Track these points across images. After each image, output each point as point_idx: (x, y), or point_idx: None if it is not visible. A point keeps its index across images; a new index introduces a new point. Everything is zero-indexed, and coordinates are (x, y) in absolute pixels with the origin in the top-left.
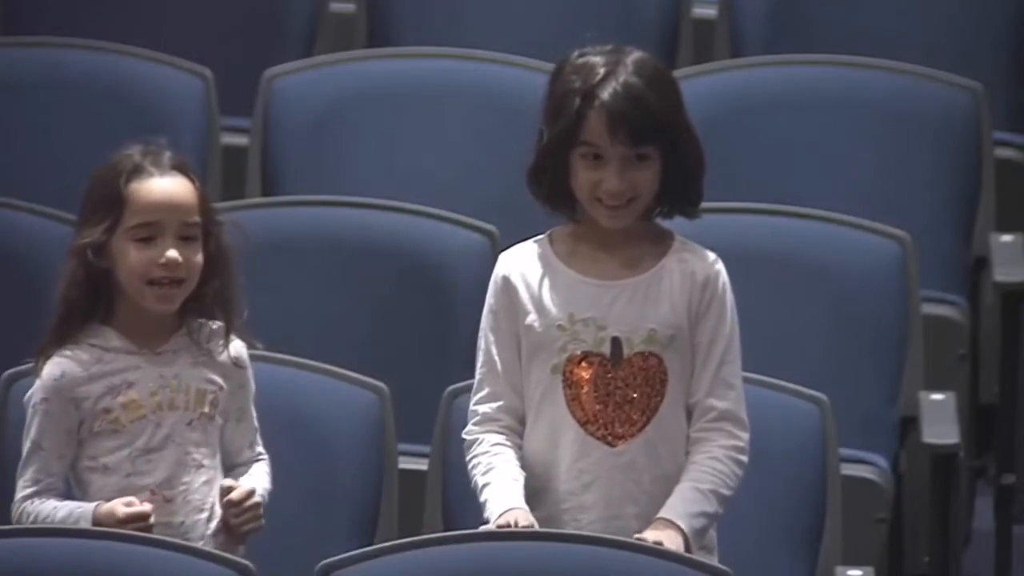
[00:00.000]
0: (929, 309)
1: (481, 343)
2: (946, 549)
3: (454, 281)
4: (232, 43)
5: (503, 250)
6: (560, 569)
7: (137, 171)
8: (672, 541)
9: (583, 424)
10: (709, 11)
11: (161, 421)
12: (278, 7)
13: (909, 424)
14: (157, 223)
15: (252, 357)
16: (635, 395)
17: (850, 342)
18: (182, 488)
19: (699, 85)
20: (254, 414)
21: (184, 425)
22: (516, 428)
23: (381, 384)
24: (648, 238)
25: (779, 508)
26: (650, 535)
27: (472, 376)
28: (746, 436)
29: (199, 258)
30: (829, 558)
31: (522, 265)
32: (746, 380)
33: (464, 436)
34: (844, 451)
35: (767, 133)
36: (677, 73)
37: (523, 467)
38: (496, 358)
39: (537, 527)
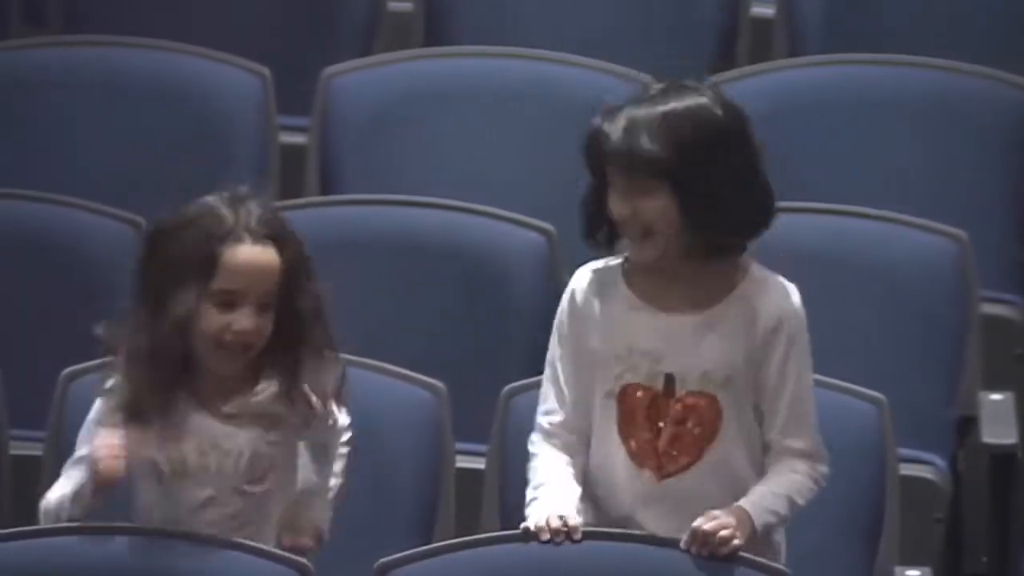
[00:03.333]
0: (987, 308)
1: (549, 353)
2: (1005, 549)
3: (512, 280)
4: (290, 42)
5: (561, 249)
6: (618, 569)
7: (232, 235)
8: (737, 516)
9: (632, 454)
10: (767, 10)
11: (204, 483)
12: (336, 6)
13: (968, 424)
14: (240, 291)
15: None
16: (685, 433)
17: (908, 342)
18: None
19: (757, 84)
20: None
21: (229, 489)
22: (574, 444)
23: (439, 383)
24: (717, 273)
25: (838, 508)
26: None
27: (528, 375)
28: (825, 469)
29: (270, 324)
30: (887, 558)
31: (593, 284)
32: None
33: (528, 444)
34: (902, 451)
35: (825, 132)
36: (733, 73)
37: (583, 482)
38: (560, 373)
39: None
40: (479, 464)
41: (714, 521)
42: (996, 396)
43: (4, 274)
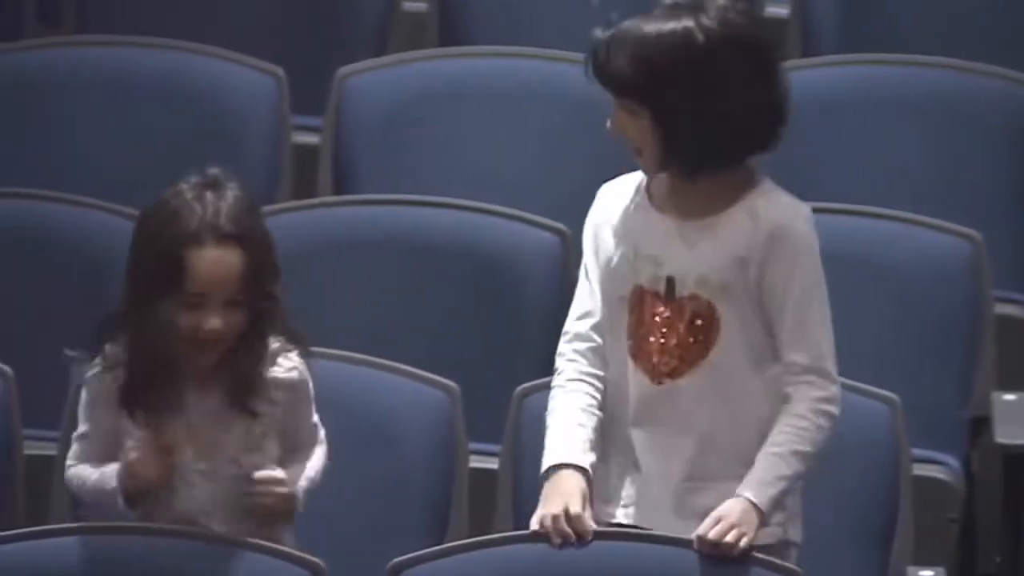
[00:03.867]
0: (1000, 309)
1: (583, 261)
2: (1018, 549)
3: (525, 280)
4: (304, 42)
5: (574, 249)
6: (631, 569)
7: (195, 238)
8: (741, 510)
9: (633, 357)
10: (781, 10)
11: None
12: (350, 6)
13: (981, 424)
14: (206, 294)
15: (323, 356)
16: (683, 337)
17: (921, 342)
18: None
19: None
20: (314, 415)
21: (227, 461)
22: (601, 351)
23: (452, 383)
24: (726, 183)
25: (851, 508)
26: (718, 512)
27: (541, 375)
28: (833, 388)
29: (241, 318)
30: (900, 558)
31: (614, 195)
32: None
33: (556, 358)
34: (915, 451)
35: (839, 132)
36: None
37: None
38: (589, 277)
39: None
40: (492, 464)
41: (718, 527)
42: (1009, 396)
43: (17, 273)
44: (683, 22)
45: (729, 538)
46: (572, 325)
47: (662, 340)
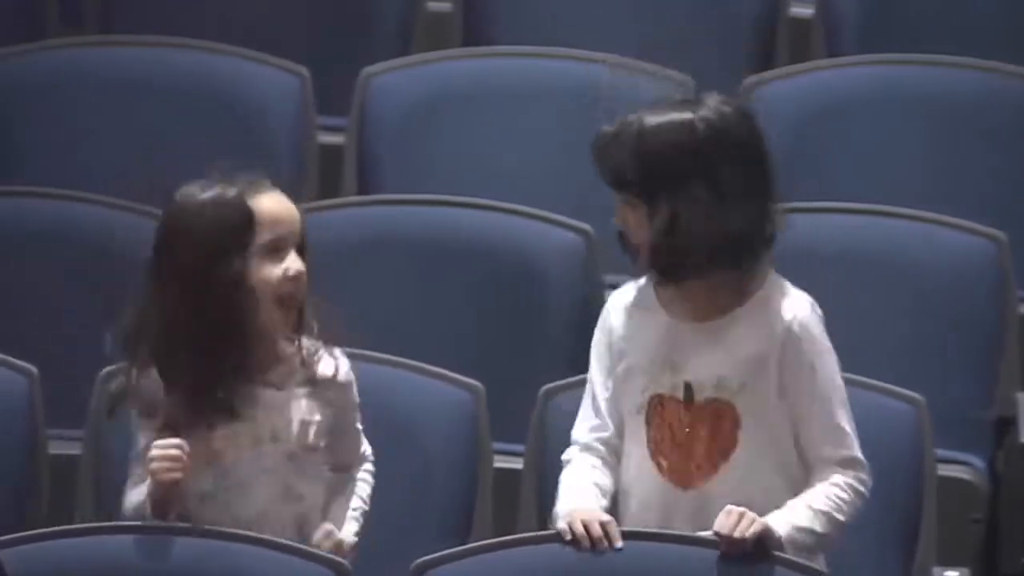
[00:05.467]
0: None
1: (590, 370)
2: None
3: (549, 280)
4: (329, 42)
5: (598, 249)
6: (655, 569)
7: (251, 191)
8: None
9: (659, 466)
10: (806, 10)
11: (261, 455)
12: (374, 6)
13: (1006, 424)
14: (284, 237)
15: (348, 356)
16: (706, 441)
17: (946, 342)
18: (274, 516)
19: (795, 84)
20: (359, 426)
21: (284, 459)
22: (611, 461)
23: (476, 383)
24: (733, 282)
25: (875, 508)
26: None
27: (565, 375)
28: (865, 475)
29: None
30: (925, 558)
31: (623, 302)
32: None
33: (562, 459)
34: (940, 451)
35: (863, 132)
36: (771, 74)
37: (615, 501)
38: (596, 390)
39: (601, 519)
40: (516, 464)
41: (729, 518)
42: None
43: (42, 274)
44: (682, 114)
45: (743, 526)
46: (578, 436)
47: (689, 447)
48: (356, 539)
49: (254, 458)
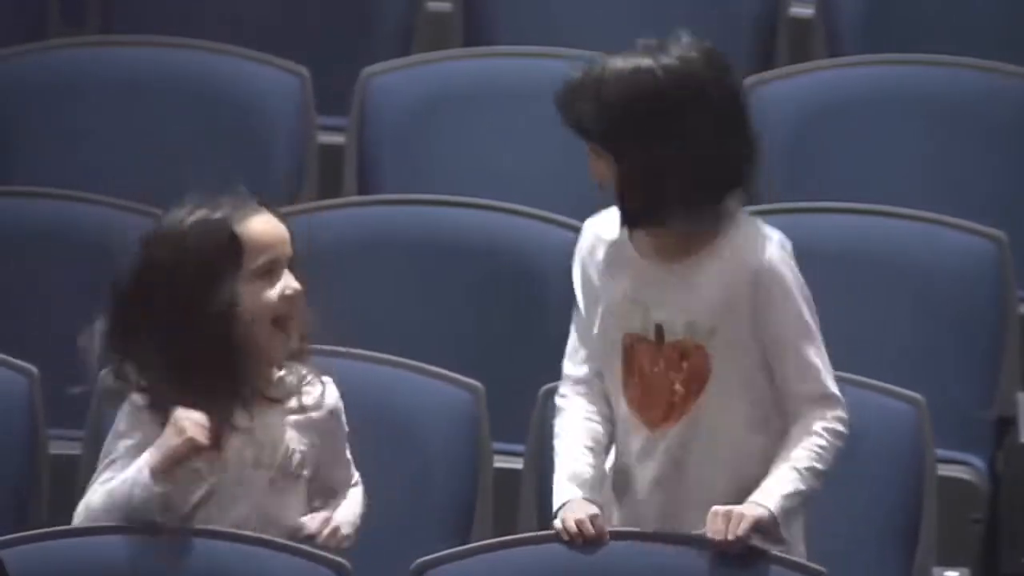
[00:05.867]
0: None
1: (575, 300)
2: None
3: (548, 279)
4: (329, 42)
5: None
6: (655, 570)
7: (237, 216)
8: (752, 511)
9: (630, 405)
10: (806, 10)
11: (242, 478)
12: (375, 6)
13: (1006, 424)
14: (275, 259)
15: (346, 356)
16: (674, 384)
17: (946, 342)
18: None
19: (796, 84)
20: (348, 455)
21: (265, 484)
22: (602, 393)
23: (476, 383)
24: (701, 228)
25: (875, 508)
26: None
27: None
28: (841, 411)
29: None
30: (925, 558)
31: (599, 235)
32: (842, 380)
33: (556, 399)
34: (940, 451)
35: (864, 132)
36: (772, 73)
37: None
38: (582, 318)
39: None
40: (516, 464)
41: (717, 522)
42: None
43: (43, 274)
44: (642, 61)
45: (731, 534)
46: (568, 368)
47: (655, 386)
48: (352, 529)
49: (235, 482)
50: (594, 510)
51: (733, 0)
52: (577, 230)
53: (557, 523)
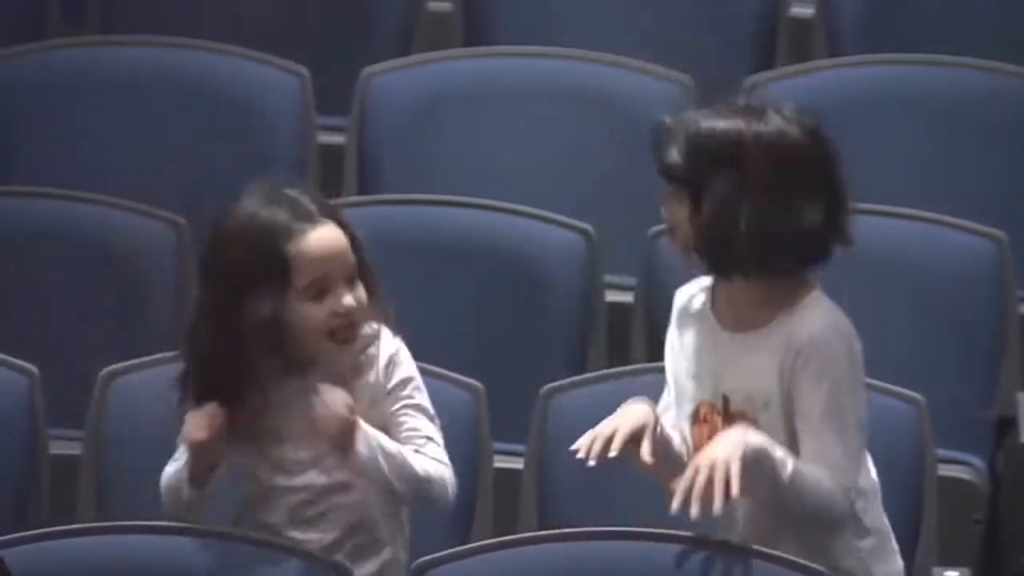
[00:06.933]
0: None
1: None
2: None
3: (550, 280)
4: (329, 42)
5: (599, 249)
6: (654, 568)
7: (292, 231)
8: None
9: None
10: (806, 10)
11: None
12: (375, 6)
13: (1006, 424)
14: (327, 276)
15: None
16: None
17: (946, 342)
18: (324, 506)
19: (795, 84)
20: (423, 414)
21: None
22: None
23: (477, 383)
24: (777, 292)
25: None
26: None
27: (566, 375)
28: (847, 488)
29: (364, 294)
30: (925, 559)
31: (685, 303)
32: None
33: None
34: (940, 452)
35: (864, 132)
36: (772, 73)
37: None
38: (668, 379)
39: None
40: (517, 464)
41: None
42: None
43: (43, 274)
44: (737, 123)
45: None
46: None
47: None
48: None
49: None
50: (628, 428)
51: (733, 0)
52: (577, 230)
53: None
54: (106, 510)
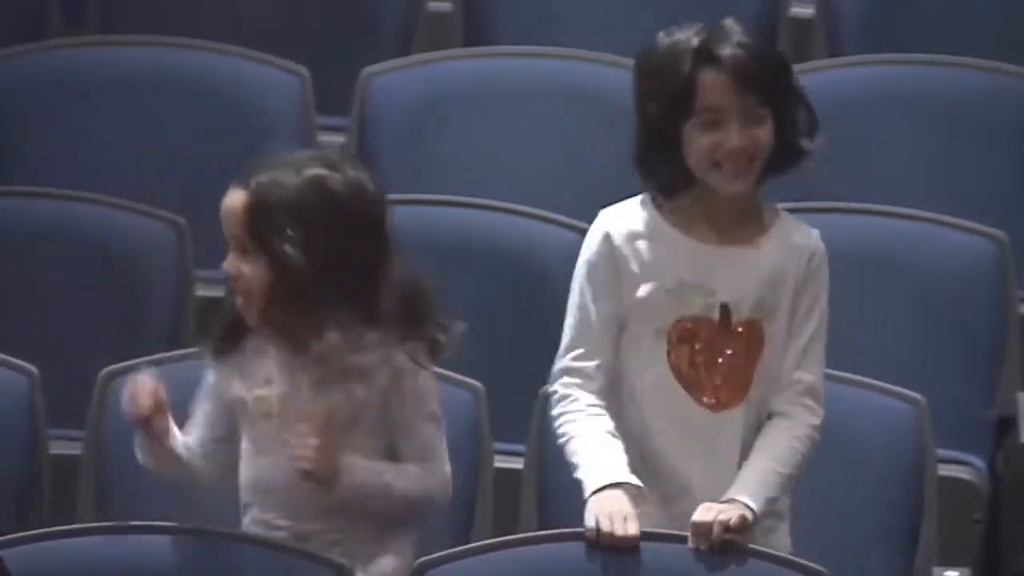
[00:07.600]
0: None
1: (575, 298)
2: None
3: (550, 280)
4: (329, 42)
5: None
6: (656, 569)
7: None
8: (739, 513)
9: (689, 390)
10: (806, 10)
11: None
12: (375, 6)
13: (1006, 424)
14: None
15: None
16: (740, 363)
17: (946, 342)
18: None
19: None
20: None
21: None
22: (607, 391)
23: (476, 383)
24: (752, 212)
25: (875, 508)
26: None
27: None
28: (823, 415)
29: (261, 268)
30: (925, 559)
31: (627, 224)
32: (843, 381)
33: (553, 391)
34: (940, 452)
35: (864, 132)
36: None
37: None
38: (593, 314)
39: (631, 512)
40: (516, 464)
41: (709, 513)
42: None
43: (43, 273)
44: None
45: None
46: (572, 364)
47: (725, 370)
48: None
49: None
50: (629, 509)
51: (733, 0)
52: (577, 230)
53: (589, 517)
54: (106, 510)
